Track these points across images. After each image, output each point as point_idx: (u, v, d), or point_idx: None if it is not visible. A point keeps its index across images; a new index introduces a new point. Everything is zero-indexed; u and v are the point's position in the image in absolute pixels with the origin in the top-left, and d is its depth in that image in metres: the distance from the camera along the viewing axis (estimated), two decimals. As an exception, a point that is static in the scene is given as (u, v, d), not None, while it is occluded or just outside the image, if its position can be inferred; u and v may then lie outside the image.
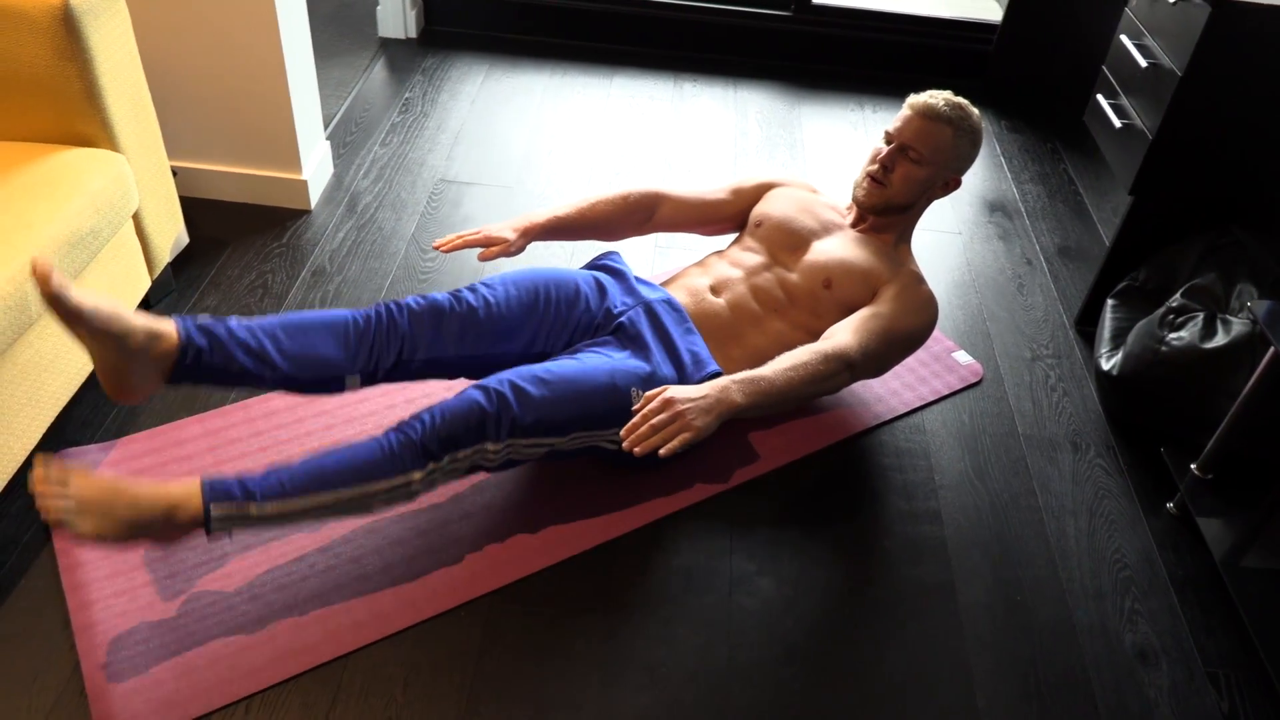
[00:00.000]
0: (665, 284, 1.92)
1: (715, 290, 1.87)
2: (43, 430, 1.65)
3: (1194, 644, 1.63)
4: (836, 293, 1.82)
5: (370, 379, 1.63)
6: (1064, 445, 1.98)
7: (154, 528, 1.38)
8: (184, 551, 1.61)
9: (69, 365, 1.70)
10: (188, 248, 2.23)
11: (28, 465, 1.68)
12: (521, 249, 1.85)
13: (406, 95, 2.90)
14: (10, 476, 1.58)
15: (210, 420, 1.84)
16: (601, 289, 1.81)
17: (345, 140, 2.69)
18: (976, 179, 2.78)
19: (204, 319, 1.54)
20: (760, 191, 2.02)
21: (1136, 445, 1.98)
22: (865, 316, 1.77)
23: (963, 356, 2.14)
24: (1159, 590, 1.71)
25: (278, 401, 1.88)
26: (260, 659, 1.47)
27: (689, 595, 1.63)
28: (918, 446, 1.94)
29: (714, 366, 1.73)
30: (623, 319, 1.76)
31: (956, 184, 1.87)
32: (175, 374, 1.50)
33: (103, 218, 1.68)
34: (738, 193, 2.03)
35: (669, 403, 1.51)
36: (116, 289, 1.82)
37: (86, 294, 1.37)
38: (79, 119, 1.73)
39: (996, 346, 2.20)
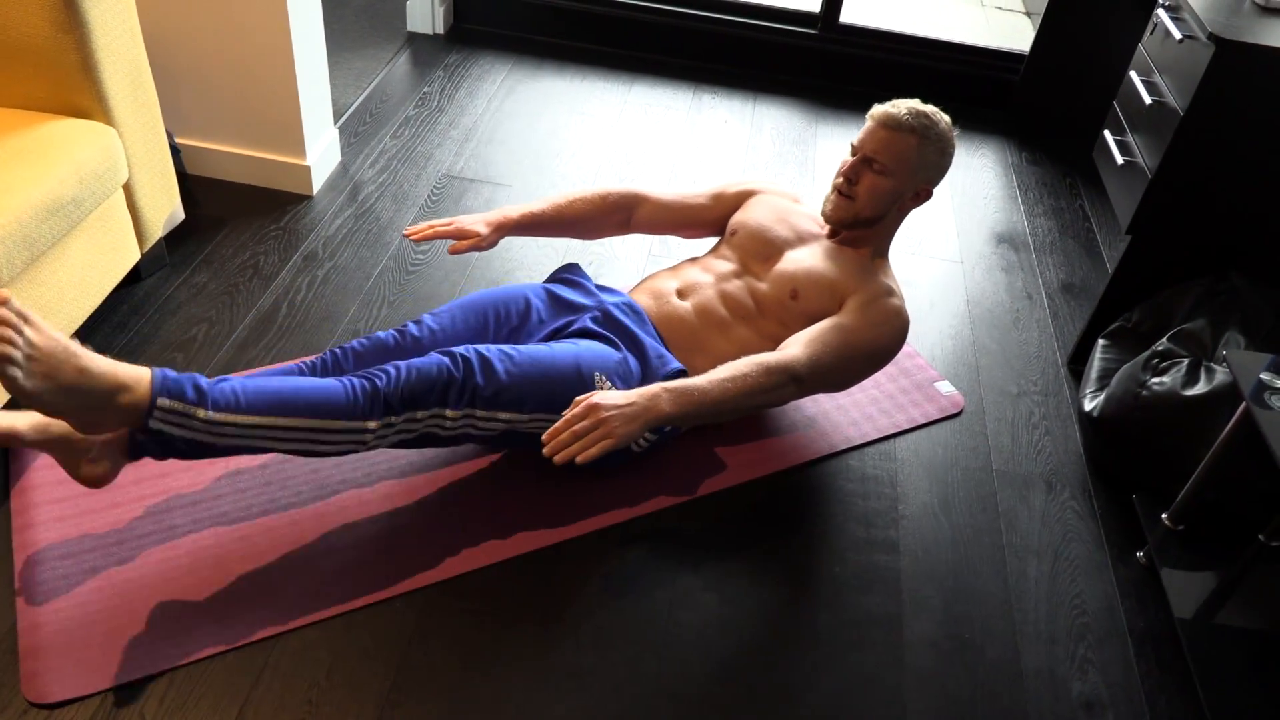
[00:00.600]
0: (634, 289, 1.90)
1: (681, 294, 1.84)
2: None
3: (1145, 700, 1.56)
4: (803, 303, 1.78)
5: None
6: (1038, 484, 1.91)
7: (92, 403, 1.31)
8: (136, 519, 1.62)
9: (69, 309, 1.72)
10: (187, 223, 2.26)
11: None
12: (493, 244, 1.84)
13: (425, 90, 2.92)
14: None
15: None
16: (556, 300, 1.80)
17: (357, 130, 2.71)
18: (987, 209, 2.72)
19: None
20: (741, 198, 1.99)
21: (1114, 490, 1.92)
22: (824, 328, 1.73)
23: (945, 386, 2.09)
24: (1115, 641, 1.64)
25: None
26: (190, 631, 1.47)
27: (628, 605, 1.60)
28: (885, 474, 1.89)
29: (676, 364, 1.70)
30: (581, 322, 1.74)
31: (928, 194, 1.82)
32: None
33: (86, 188, 1.70)
34: (718, 198, 2.00)
35: (593, 409, 1.48)
36: (103, 258, 1.84)
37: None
38: (74, 91, 1.76)
39: (983, 379, 2.14)
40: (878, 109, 1.77)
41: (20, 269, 1.59)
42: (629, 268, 2.33)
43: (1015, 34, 2.99)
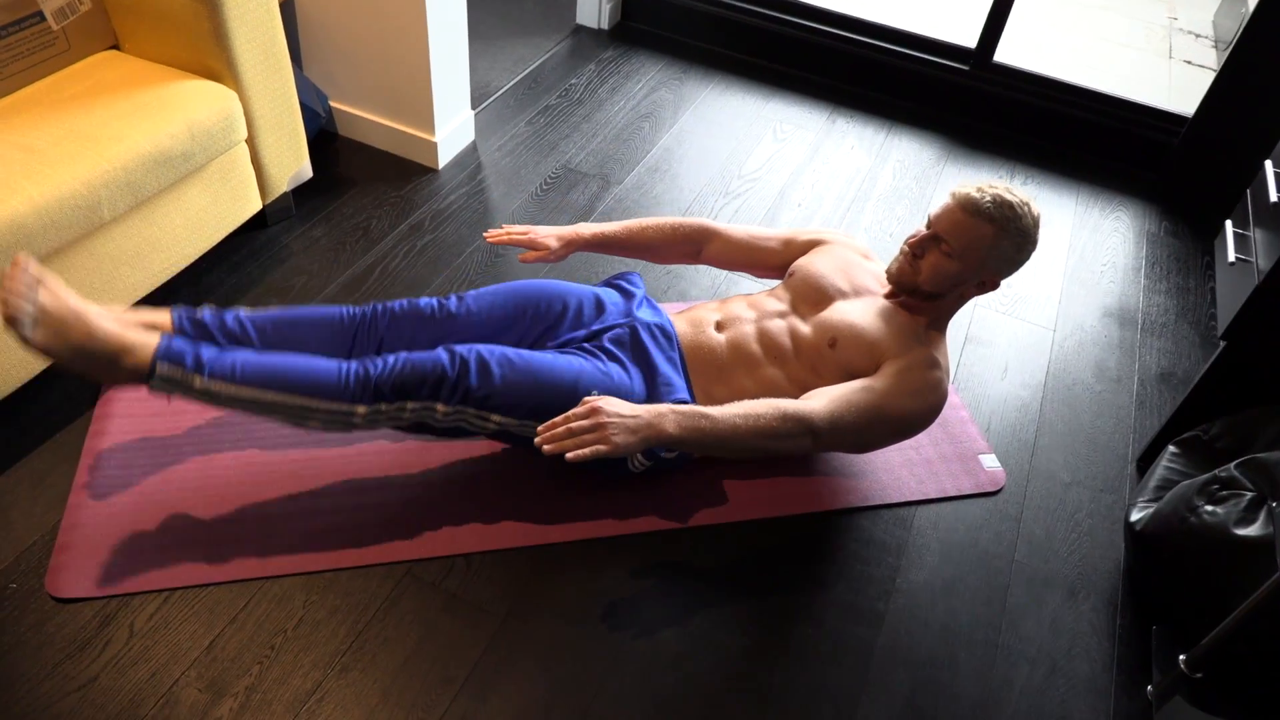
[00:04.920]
0: (680, 312, 1.76)
1: (720, 326, 1.69)
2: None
3: None
4: (839, 354, 1.59)
5: None
6: (1059, 587, 1.65)
7: (98, 363, 1.35)
8: (193, 427, 1.66)
9: (152, 263, 1.78)
10: (322, 179, 2.30)
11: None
12: (562, 258, 1.78)
13: (572, 81, 2.84)
14: (72, 345, 1.70)
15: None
16: (600, 306, 1.68)
17: (499, 112, 2.67)
18: (1104, 276, 2.36)
19: (191, 330, 1.48)
20: (810, 246, 1.80)
21: (1145, 611, 1.62)
22: (854, 388, 1.54)
23: (989, 460, 1.83)
24: (1089, 778, 1.40)
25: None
26: (194, 560, 1.50)
27: (591, 622, 1.50)
28: (894, 541, 1.68)
29: (682, 394, 1.56)
30: (607, 336, 1.63)
31: (994, 285, 1.57)
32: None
33: (198, 144, 1.74)
34: (789, 244, 1.82)
35: (595, 411, 1.37)
36: (220, 207, 1.89)
37: (50, 325, 1.30)
38: (207, 55, 1.80)
39: (1036, 460, 1.86)
40: (960, 188, 1.54)
41: (123, 210, 1.64)
42: (704, 281, 2.18)
43: (1197, 94, 2.55)
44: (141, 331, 1.39)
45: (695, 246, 1.84)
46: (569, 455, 1.34)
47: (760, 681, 1.45)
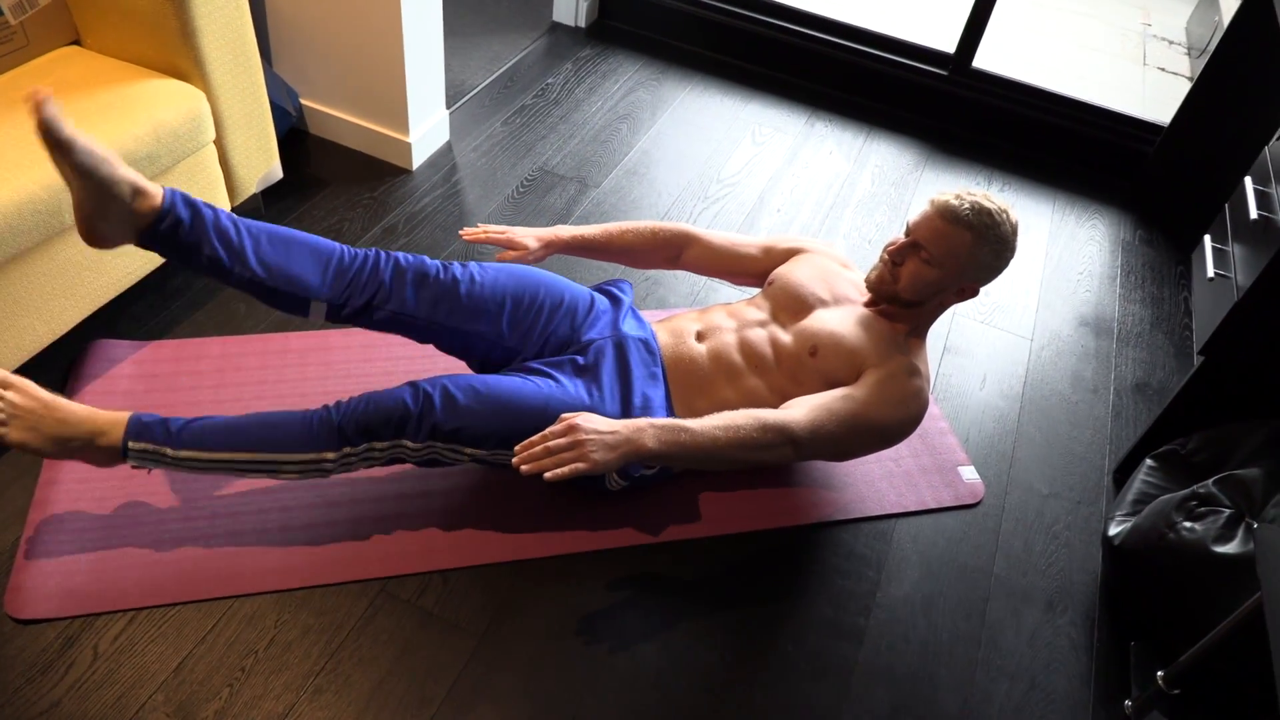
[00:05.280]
0: (660, 321, 1.73)
1: (701, 336, 1.67)
2: (75, 321, 1.69)
3: None
4: (820, 363, 1.57)
5: (336, 313, 1.53)
6: (1037, 600, 1.65)
7: (74, 446, 1.38)
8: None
9: (115, 268, 1.73)
10: (292, 180, 2.24)
11: (54, 347, 1.74)
12: (541, 259, 1.74)
13: (548, 80, 2.80)
14: (32, 355, 1.64)
15: (230, 345, 1.83)
16: (589, 311, 1.65)
17: (474, 112, 2.62)
18: (1079, 285, 2.37)
19: (196, 198, 1.46)
20: (790, 254, 1.78)
21: (1122, 626, 1.63)
22: (834, 396, 1.52)
23: (968, 472, 1.83)
24: (1068, 796, 1.40)
25: (295, 342, 1.86)
26: (162, 578, 1.45)
27: (569, 638, 1.48)
28: (874, 555, 1.67)
29: (660, 415, 1.54)
30: (589, 347, 1.60)
31: (973, 292, 1.56)
32: (147, 235, 1.42)
33: (164, 146, 1.68)
34: (768, 251, 1.80)
35: (573, 429, 1.34)
36: (187, 208, 1.84)
37: (80, 133, 1.30)
38: (174, 52, 1.74)
39: (1014, 471, 1.87)
40: (939, 196, 1.52)
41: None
42: (686, 288, 2.16)
43: (1170, 101, 2.57)
44: (109, 411, 1.40)
45: (674, 251, 1.82)
46: (547, 475, 1.31)
47: (741, 699, 1.44)
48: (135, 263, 1.77)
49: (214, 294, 1.94)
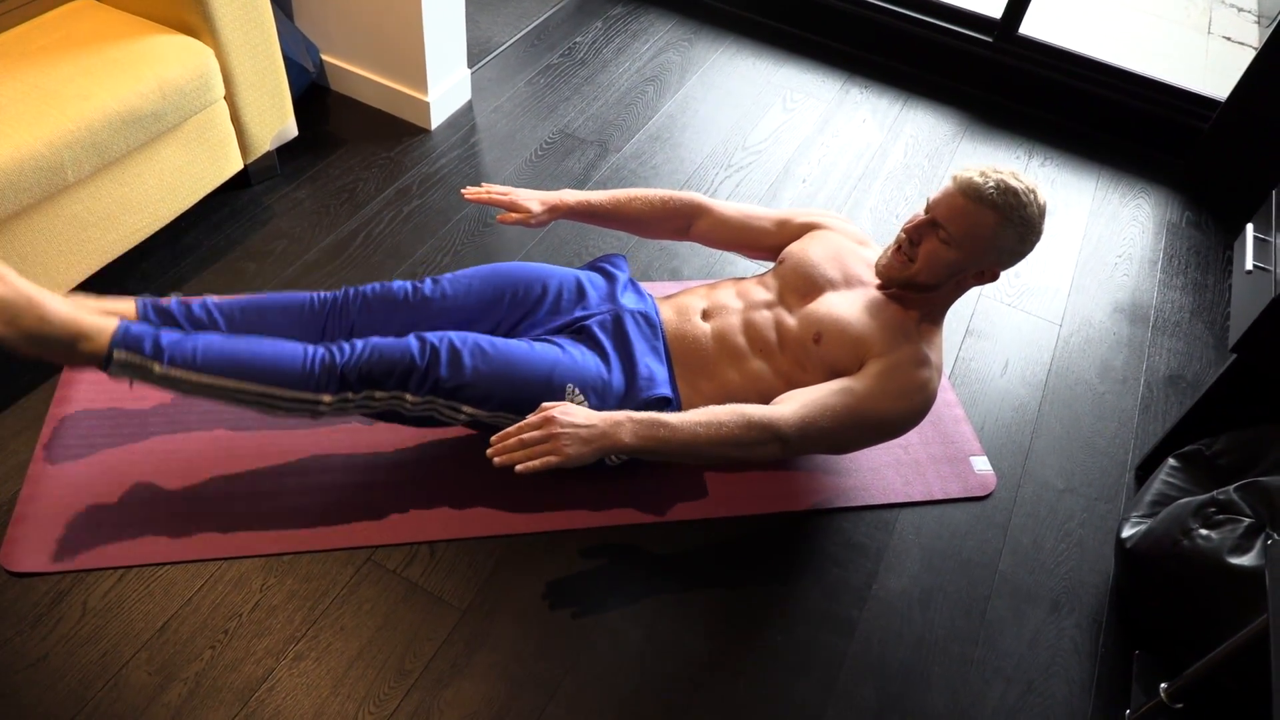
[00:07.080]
0: (668, 297, 1.68)
1: (706, 315, 1.61)
2: (82, 277, 1.69)
3: None
4: (824, 349, 1.51)
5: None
6: (1042, 600, 1.58)
7: (54, 348, 1.31)
8: (160, 404, 1.62)
9: (124, 225, 1.72)
10: (310, 137, 2.22)
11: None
12: (544, 223, 1.68)
13: (576, 39, 2.72)
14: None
15: (236, 304, 1.83)
16: (581, 291, 1.60)
17: (498, 70, 2.56)
18: (1118, 269, 2.25)
19: (144, 328, 1.37)
20: (805, 230, 1.71)
21: (1131, 631, 1.56)
22: (830, 390, 1.46)
23: (981, 463, 1.76)
24: (1056, 805, 1.35)
25: (300, 303, 1.85)
26: (152, 536, 1.46)
27: (554, 617, 1.46)
28: (874, 545, 1.62)
29: (663, 390, 1.49)
30: (588, 324, 1.56)
31: (994, 276, 1.48)
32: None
33: (169, 104, 1.66)
34: (783, 225, 1.72)
35: (548, 421, 1.31)
36: (197, 166, 1.82)
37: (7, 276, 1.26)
38: (183, 8, 1.71)
39: (1030, 464, 1.79)
40: (962, 172, 1.43)
41: (89, 171, 1.57)
42: (697, 261, 2.09)
43: (1233, 73, 2.40)
44: (100, 317, 1.34)
45: (684, 222, 1.75)
46: (518, 469, 1.28)
47: (724, 688, 1.41)
48: (144, 220, 1.76)
49: (223, 253, 1.93)
